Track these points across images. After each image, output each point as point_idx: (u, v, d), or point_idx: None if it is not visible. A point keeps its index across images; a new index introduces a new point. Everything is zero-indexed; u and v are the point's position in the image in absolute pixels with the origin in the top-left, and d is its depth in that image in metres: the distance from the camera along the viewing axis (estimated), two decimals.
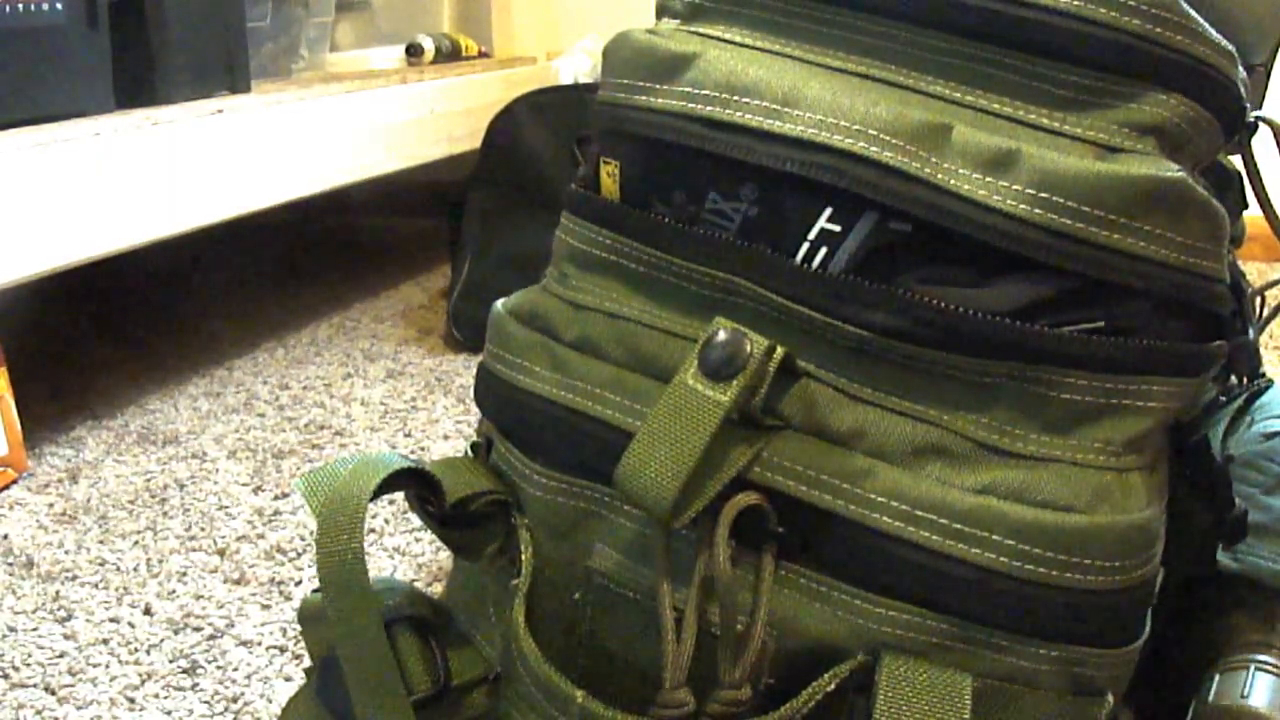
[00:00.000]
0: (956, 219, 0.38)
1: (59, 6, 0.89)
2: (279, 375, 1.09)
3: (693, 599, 0.39)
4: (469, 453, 0.48)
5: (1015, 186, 0.37)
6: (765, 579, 0.39)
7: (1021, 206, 0.37)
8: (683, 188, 0.43)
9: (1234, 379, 0.53)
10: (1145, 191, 0.37)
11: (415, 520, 0.77)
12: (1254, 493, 0.48)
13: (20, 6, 0.86)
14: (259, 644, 0.63)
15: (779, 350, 0.39)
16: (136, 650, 0.63)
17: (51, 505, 0.82)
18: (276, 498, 0.82)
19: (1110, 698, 0.39)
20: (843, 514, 0.38)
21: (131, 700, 0.58)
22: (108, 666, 0.61)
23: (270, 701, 0.58)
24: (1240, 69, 0.40)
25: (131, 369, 1.13)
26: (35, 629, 0.65)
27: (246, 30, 1.12)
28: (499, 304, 0.48)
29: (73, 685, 0.60)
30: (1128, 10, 0.38)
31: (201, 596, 0.68)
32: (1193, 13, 0.38)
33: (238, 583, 0.70)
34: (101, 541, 0.76)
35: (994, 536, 0.37)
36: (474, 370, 0.71)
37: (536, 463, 0.44)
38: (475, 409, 0.93)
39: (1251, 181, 0.44)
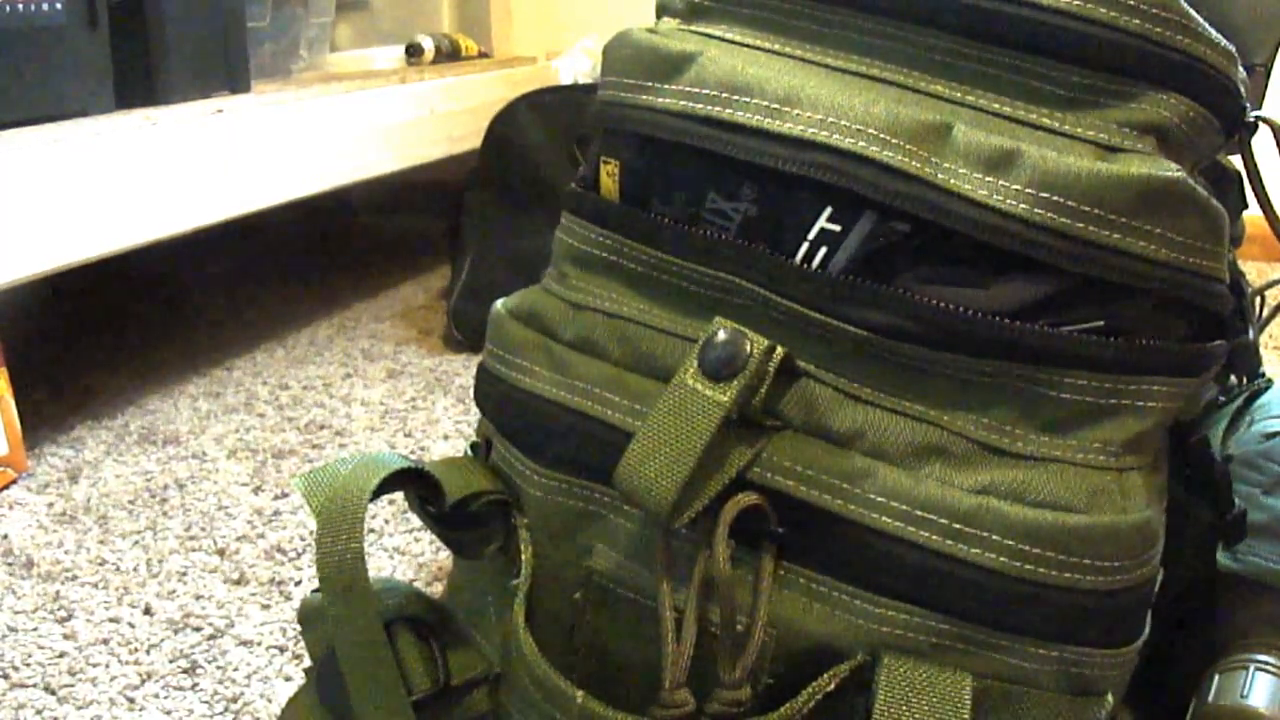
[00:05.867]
0: (957, 219, 0.38)
1: (59, 6, 0.89)
2: (279, 375, 1.09)
3: (693, 599, 0.39)
4: (469, 453, 0.48)
5: (1015, 186, 0.37)
6: (765, 579, 0.39)
7: (1021, 206, 0.37)
8: (682, 188, 0.43)
9: (1234, 379, 0.53)
10: (1145, 191, 0.37)
11: (415, 520, 0.77)
12: (1254, 493, 0.48)
13: (20, 6, 0.86)
14: (259, 644, 0.63)
15: (779, 350, 0.39)
16: (136, 650, 0.63)
17: (51, 505, 0.82)
18: (276, 498, 0.82)
19: (1110, 698, 0.39)
20: (842, 514, 0.38)
21: (131, 700, 0.58)
22: (108, 666, 0.61)
23: (270, 701, 0.58)
24: (1240, 69, 0.40)
25: (131, 369, 1.13)
26: (35, 629, 0.65)
27: (246, 30, 1.12)
28: (499, 304, 0.48)
29: (73, 685, 0.60)
30: (1127, 10, 0.38)
31: (201, 596, 0.68)
32: (1193, 13, 0.38)
33: (238, 583, 0.70)
34: (101, 541, 0.76)
35: (993, 536, 0.37)
36: (474, 370, 0.71)
37: (536, 463, 0.44)
38: (475, 409, 0.93)
39: (1251, 181, 0.44)
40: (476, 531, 0.45)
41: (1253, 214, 0.46)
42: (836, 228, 0.40)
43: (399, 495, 0.74)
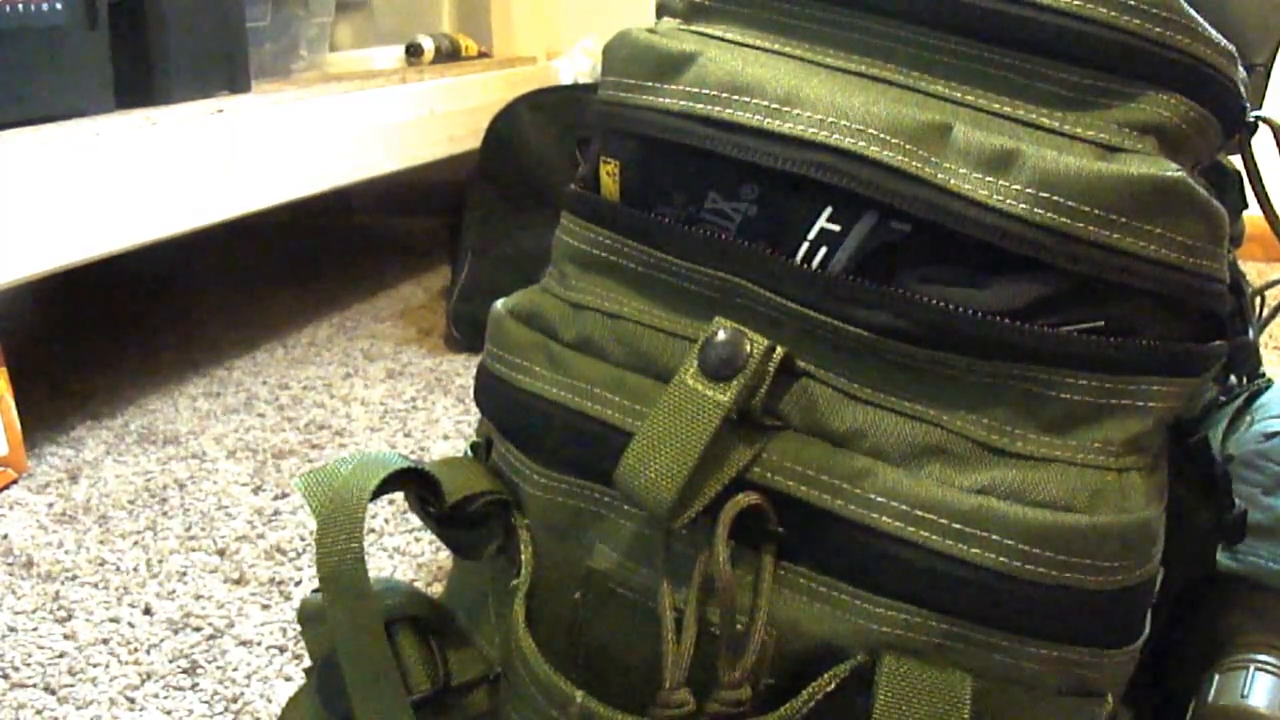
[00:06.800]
0: (957, 219, 0.38)
1: (59, 6, 0.89)
2: (279, 375, 1.09)
3: (693, 599, 0.39)
4: (469, 453, 0.48)
5: (1015, 186, 0.37)
6: (765, 579, 0.39)
7: (1021, 206, 0.37)
8: (683, 187, 0.43)
9: (1234, 379, 0.53)
10: (1145, 191, 0.37)
11: (415, 520, 0.77)
12: (1254, 493, 0.48)
13: (20, 6, 0.86)
14: (259, 644, 0.63)
15: (779, 350, 0.39)
16: (136, 650, 0.63)
17: (51, 505, 0.82)
18: (276, 498, 0.82)
19: (1110, 698, 0.39)
20: (843, 514, 0.38)
21: (131, 700, 0.58)
22: (108, 666, 0.61)
23: (270, 701, 0.58)
24: (1240, 69, 0.40)
25: (131, 369, 1.13)
26: (35, 629, 0.65)
27: (246, 30, 1.12)
28: (499, 304, 0.48)
29: (73, 685, 0.60)
30: (1128, 10, 0.38)
31: (201, 596, 0.68)
32: (1193, 13, 0.38)
33: (238, 583, 0.70)
34: (101, 541, 0.76)
35: (993, 536, 0.37)
36: (474, 370, 0.71)
37: (536, 463, 0.44)
38: (475, 409, 0.93)
39: (1251, 181, 0.44)
40: (476, 531, 0.45)
41: (1253, 214, 0.46)
42: (836, 227, 0.40)
43: (399, 495, 0.74)
